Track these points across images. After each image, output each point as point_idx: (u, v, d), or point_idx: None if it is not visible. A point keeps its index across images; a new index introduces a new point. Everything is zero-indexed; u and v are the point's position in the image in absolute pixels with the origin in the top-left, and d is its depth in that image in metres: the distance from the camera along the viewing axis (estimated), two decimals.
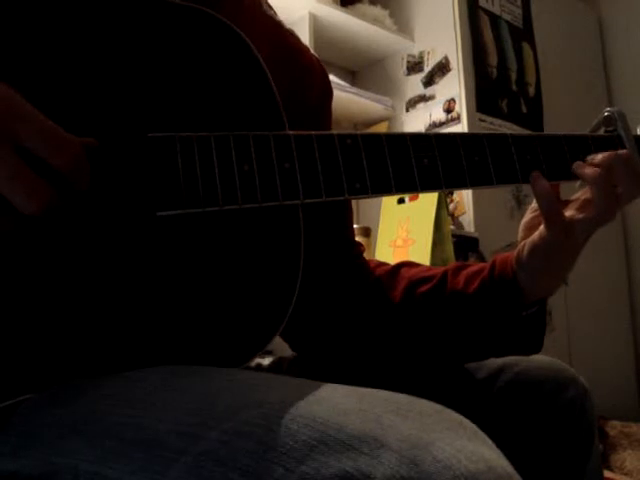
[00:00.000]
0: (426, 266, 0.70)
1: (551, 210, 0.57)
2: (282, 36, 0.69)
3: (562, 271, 0.61)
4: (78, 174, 0.42)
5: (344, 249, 0.72)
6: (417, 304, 0.65)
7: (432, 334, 0.65)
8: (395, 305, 0.66)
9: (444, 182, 0.54)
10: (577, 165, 0.60)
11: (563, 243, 0.58)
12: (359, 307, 0.67)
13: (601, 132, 0.65)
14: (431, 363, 0.68)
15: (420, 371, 0.67)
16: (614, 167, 0.58)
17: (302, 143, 0.49)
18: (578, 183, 0.61)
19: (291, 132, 0.50)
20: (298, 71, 0.68)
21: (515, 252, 0.62)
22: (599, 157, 0.59)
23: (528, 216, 0.65)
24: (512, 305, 0.61)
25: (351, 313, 0.67)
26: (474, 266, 0.65)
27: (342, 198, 0.50)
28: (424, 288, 0.65)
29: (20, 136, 0.38)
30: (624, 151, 0.60)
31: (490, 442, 0.33)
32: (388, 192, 0.52)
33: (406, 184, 0.52)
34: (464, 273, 0.64)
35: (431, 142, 0.54)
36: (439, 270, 0.66)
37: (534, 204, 0.62)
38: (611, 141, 0.61)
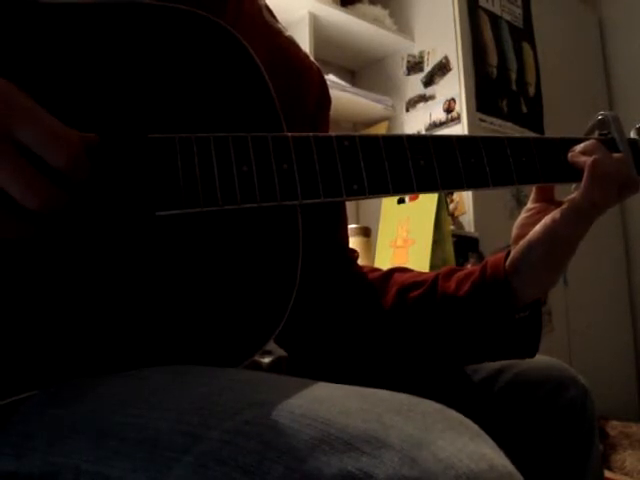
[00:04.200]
0: (418, 271, 0.70)
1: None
2: (281, 43, 0.70)
3: (558, 267, 0.60)
4: (75, 170, 0.41)
5: (338, 254, 0.72)
6: (408, 309, 0.65)
7: (424, 338, 0.65)
8: (387, 311, 0.66)
9: (441, 183, 0.54)
10: (572, 155, 0.60)
11: (563, 232, 0.58)
12: (351, 312, 0.67)
13: (595, 135, 0.65)
14: (425, 366, 0.68)
15: (417, 373, 0.67)
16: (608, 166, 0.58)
17: (300, 144, 0.50)
18: (573, 186, 0.61)
19: (289, 134, 0.50)
20: (296, 78, 0.69)
21: (508, 252, 0.62)
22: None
23: (523, 215, 0.65)
24: (504, 307, 0.60)
25: (343, 318, 0.67)
26: (466, 269, 0.65)
27: (340, 199, 0.50)
28: (415, 293, 0.65)
29: (17, 131, 0.38)
30: (619, 154, 0.60)
31: (491, 442, 0.33)
32: (385, 193, 0.52)
33: (403, 185, 0.52)
34: (455, 276, 0.64)
35: (428, 144, 0.54)
36: (431, 275, 0.66)
37: (530, 204, 0.62)
38: (605, 144, 0.62)
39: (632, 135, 0.65)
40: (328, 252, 0.70)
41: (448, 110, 1.96)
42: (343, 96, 1.92)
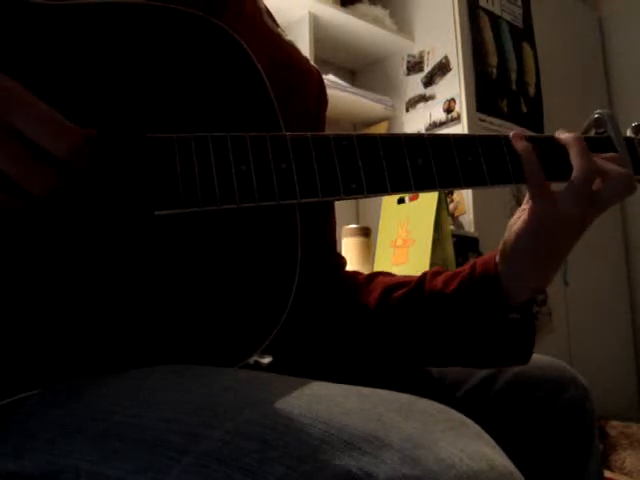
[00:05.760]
0: (403, 275, 0.68)
1: (532, 170, 0.56)
2: (281, 46, 0.70)
3: (551, 259, 0.58)
4: (76, 158, 0.41)
5: (324, 256, 0.71)
6: (393, 308, 0.63)
7: (412, 339, 0.63)
8: (371, 311, 0.65)
9: (438, 182, 0.54)
10: (559, 132, 0.60)
11: (552, 219, 0.56)
12: (334, 316, 0.67)
13: (591, 134, 0.65)
14: (414, 367, 0.67)
15: (413, 375, 0.67)
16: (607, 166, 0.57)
17: (298, 144, 0.50)
18: None
19: (287, 133, 0.50)
20: (296, 81, 0.69)
21: (499, 247, 0.60)
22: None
23: (516, 216, 0.64)
24: (494, 304, 0.59)
25: (327, 321, 0.67)
26: (457, 269, 0.64)
27: (338, 198, 0.50)
28: (400, 292, 0.64)
29: (17, 122, 0.38)
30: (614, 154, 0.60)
31: (492, 441, 0.33)
32: (383, 192, 0.52)
33: (401, 184, 0.52)
34: (443, 275, 0.63)
35: (425, 143, 0.54)
36: (418, 275, 0.65)
37: (524, 205, 0.61)
38: (601, 142, 0.62)
39: (628, 133, 0.65)
40: (316, 254, 0.70)
41: (448, 110, 1.96)
42: (343, 96, 1.92)
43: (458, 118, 1.93)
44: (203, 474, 0.32)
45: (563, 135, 0.59)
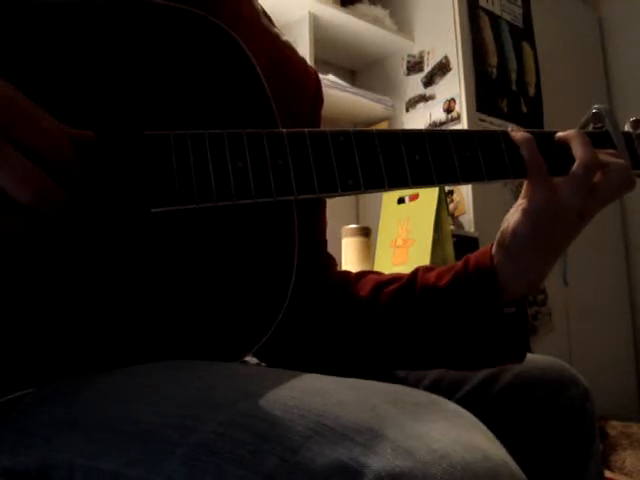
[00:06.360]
0: (394, 273, 0.68)
1: (532, 157, 0.56)
2: (279, 48, 0.70)
3: (549, 252, 0.57)
4: (65, 169, 0.41)
5: (314, 256, 0.71)
6: (385, 303, 0.62)
7: (404, 334, 0.62)
8: (362, 307, 0.64)
9: (436, 177, 0.54)
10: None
11: (551, 210, 0.55)
12: (324, 312, 0.66)
13: (589, 129, 0.65)
14: (408, 366, 0.66)
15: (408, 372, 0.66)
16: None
17: (295, 140, 0.50)
18: None
19: (284, 130, 0.50)
20: (293, 81, 0.69)
21: (496, 238, 0.59)
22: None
23: (513, 209, 0.63)
24: (489, 296, 0.57)
25: (317, 318, 0.66)
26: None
27: (335, 194, 0.50)
28: (392, 287, 0.63)
29: (16, 131, 0.38)
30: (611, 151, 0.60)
31: (488, 432, 0.33)
32: (381, 188, 0.51)
33: (398, 179, 0.52)
34: (436, 270, 0.62)
35: (423, 138, 0.54)
36: (409, 272, 0.64)
37: (520, 199, 0.60)
38: (599, 137, 0.61)
39: (626, 128, 0.65)
40: (306, 252, 0.69)
41: (448, 110, 1.96)
42: (343, 96, 1.92)
43: (458, 118, 1.93)
44: (196, 466, 0.32)
45: (563, 132, 0.59)
